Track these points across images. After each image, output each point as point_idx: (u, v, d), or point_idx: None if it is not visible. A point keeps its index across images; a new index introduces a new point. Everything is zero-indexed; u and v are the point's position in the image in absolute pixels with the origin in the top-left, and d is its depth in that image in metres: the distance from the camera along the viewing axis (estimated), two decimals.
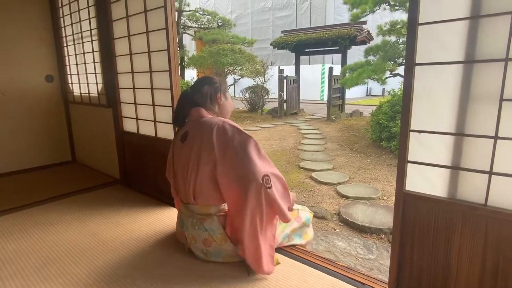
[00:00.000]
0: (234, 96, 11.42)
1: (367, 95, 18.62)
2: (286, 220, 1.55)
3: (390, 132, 5.03)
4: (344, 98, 9.80)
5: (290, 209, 1.62)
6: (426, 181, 1.29)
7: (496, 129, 1.11)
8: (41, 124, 3.53)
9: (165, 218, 2.25)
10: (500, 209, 1.13)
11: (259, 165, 1.46)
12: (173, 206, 2.43)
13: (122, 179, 3.00)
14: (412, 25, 1.23)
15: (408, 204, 1.33)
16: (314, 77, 15.76)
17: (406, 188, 1.33)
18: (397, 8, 6.48)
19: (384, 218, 2.78)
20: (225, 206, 1.62)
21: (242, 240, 1.51)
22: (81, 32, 3.14)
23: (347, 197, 3.34)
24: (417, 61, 1.24)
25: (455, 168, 1.22)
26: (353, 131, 6.99)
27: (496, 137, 1.11)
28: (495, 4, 1.07)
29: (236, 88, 13.10)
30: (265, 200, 1.45)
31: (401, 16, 6.91)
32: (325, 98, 10.27)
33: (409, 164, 1.31)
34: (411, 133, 1.29)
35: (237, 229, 1.54)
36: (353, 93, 15.41)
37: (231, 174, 1.49)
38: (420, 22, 1.21)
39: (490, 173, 1.14)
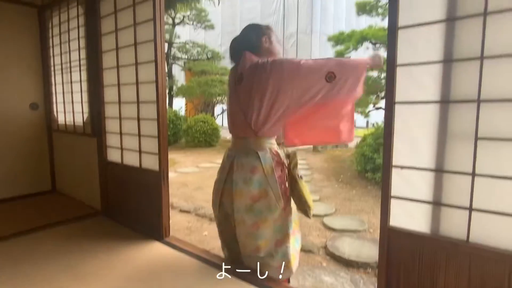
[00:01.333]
0: (222, 125, 11.48)
1: None
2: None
3: (374, 163, 5.10)
4: None
5: (377, 64, 1.77)
6: (409, 216, 1.30)
7: (473, 166, 1.15)
8: (22, 152, 3.43)
9: (148, 253, 2.16)
10: (482, 246, 1.14)
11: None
12: (158, 240, 2.34)
13: (104, 210, 2.90)
14: (391, 65, 1.30)
15: (393, 240, 1.33)
16: None
17: (391, 224, 1.34)
18: (379, 46, 6.83)
19: (370, 251, 2.75)
20: (274, 140, 1.78)
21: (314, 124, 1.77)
22: (70, 61, 3.16)
23: (333, 230, 3.31)
24: (397, 100, 1.29)
25: (437, 204, 1.24)
26: (338, 162, 7.06)
27: (473, 174, 1.15)
28: (465, 50, 1.15)
29: (224, 117, 13.24)
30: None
31: (384, 54, 7.26)
32: None
33: (392, 200, 1.33)
34: (393, 168, 1.32)
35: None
36: None
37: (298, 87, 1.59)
38: (398, 63, 1.28)
39: (470, 209, 1.16)
